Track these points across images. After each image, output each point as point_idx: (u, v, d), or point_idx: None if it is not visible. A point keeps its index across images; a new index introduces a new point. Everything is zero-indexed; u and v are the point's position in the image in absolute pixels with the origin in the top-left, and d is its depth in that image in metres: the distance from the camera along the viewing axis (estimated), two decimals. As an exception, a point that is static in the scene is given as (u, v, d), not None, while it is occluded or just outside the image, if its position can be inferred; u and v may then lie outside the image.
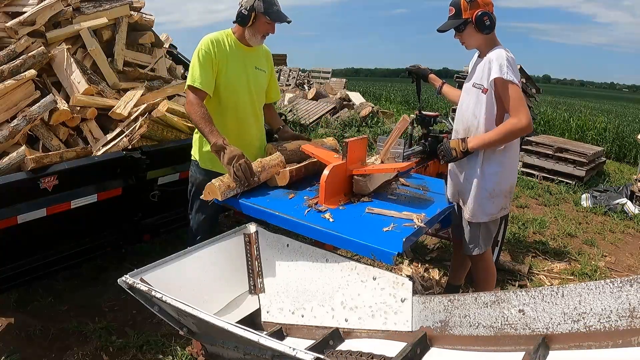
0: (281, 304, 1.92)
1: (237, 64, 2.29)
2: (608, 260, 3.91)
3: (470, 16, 2.08)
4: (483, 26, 2.07)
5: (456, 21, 2.12)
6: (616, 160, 9.64)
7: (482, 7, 2.08)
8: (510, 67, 2.02)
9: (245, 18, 2.21)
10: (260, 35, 2.29)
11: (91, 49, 2.89)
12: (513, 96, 2.03)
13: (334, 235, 1.74)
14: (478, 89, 2.13)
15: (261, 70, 2.41)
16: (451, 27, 2.14)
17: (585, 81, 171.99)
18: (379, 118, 9.37)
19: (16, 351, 2.27)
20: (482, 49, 2.17)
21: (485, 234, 2.29)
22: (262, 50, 2.44)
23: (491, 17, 2.07)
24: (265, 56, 2.48)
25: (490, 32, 2.10)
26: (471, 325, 1.44)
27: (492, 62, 2.05)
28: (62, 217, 2.25)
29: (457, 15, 2.12)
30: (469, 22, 2.09)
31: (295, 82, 13.07)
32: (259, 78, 2.41)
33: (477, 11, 2.06)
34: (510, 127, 2.05)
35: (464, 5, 2.08)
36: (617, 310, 1.19)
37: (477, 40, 2.14)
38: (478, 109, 2.14)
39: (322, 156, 2.23)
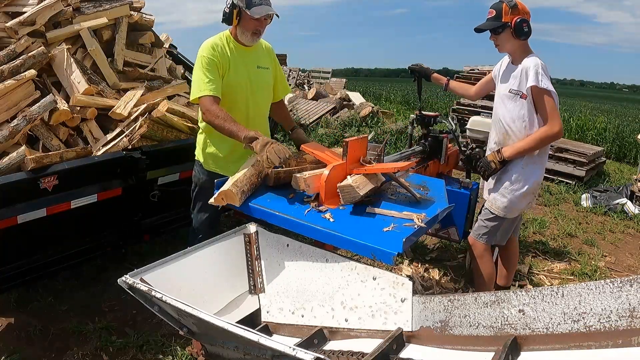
0: (281, 304, 1.92)
1: (239, 65, 2.27)
2: (608, 260, 3.91)
3: (510, 20, 2.17)
4: (521, 32, 2.17)
5: (495, 23, 2.21)
6: (616, 160, 9.64)
7: (522, 15, 2.18)
8: (544, 76, 2.13)
9: (229, 16, 2.17)
10: (250, 33, 2.22)
11: (91, 49, 2.89)
12: (547, 104, 2.15)
13: (334, 235, 1.74)
14: (516, 94, 2.24)
15: (264, 68, 2.38)
16: (490, 27, 2.24)
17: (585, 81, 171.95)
18: (379, 118, 9.37)
19: (16, 351, 2.27)
20: (515, 54, 2.28)
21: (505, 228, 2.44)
22: (263, 48, 2.41)
23: (529, 25, 2.17)
24: (267, 52, 2.43)
25: (526, 38, 2.20)
26: (471, 325, 1.44)
27: (529, 69, 2.15)
28: (62, 217, 2.26)
29: (497, 18, 2.21)
30: (508, 26, 2.19)
31: (295, 82, 13.07)
32: (262, 76, 2.38)
33: (517, 17, 2.16)
34: (544, 135, 2.19)
35: (506, 9, 2.18)
36: (617, 310, 1.19)
37: (512, 45, 2.24)
38: (516, 113, 2.25)
39: (322, 156, 2.23)
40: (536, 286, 3.09)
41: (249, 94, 2.32)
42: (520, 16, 2.17)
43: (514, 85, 2.24)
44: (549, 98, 2.14)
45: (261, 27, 2.22)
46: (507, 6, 2.17)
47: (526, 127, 2.24)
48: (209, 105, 2.13)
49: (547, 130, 2.18)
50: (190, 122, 2.86)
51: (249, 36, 2.23)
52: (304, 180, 1.93)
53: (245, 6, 2.12)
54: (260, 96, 2.39)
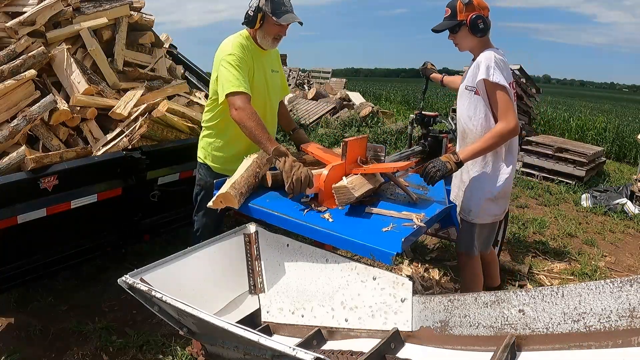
0: (281, 304, 1.92)
1: (259, 68, 2.26)
2: (608, 260, 3.91)
3: (465, 18, 2.10)
4: (477, 29, 2.09)
5: (451, 22, 2.15)
6: (616, 160, 9.64)
7: (478, 11, 2.10)
8: (497, 69, 2.03)
9: (252, 19, 2.14)
10: (271, 38, 2.21)
11: (91, 49, 2.89)
12: (500, 99, 2.04)
13: (333, 236, 1.74)
14: (470, 91, 2.16)
15: (276, 71, 2.40)
16: (446, 27, 2.17)
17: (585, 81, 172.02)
18: (379, 118, 9.37)
19: (16, 351, 2.27)
20: (474, 51, 2.20)
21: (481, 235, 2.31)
22: (274, 51, 2.40)
23: (485, 21, 2.09)
24: (277, 56, 2.45)
25: (483, 35, 2.12)
26: (471, 325, 1.44)
27: (481, 63, 2.07)
28: (62, 217, 2.26)
29: (452, 16, 2.15)
30: (463, 24, 2.11)
31: (295, 82, 13.08)
32: (275, 80, 2.39)
33: (472, 14, 2.09)
34: (499, 132, 2.07)
35: (460, 7, 2.11)
36: (617, 310, 1.19)
37: (470, 43, 2.16)
38: (472, 110, 2.17)
39: (322, 156, 2.23)
40: (536, 286, 3.10)
41: (266, 97, 2.32)
42: (476, 12, 2.09)
43: (469, 81, 2.17)
44: (501, 93, 2.04)
45: (283, 33, 2.23)
46: (462, 3, 2.11)
47: (482, 124, 2.15)
48: (243, 103, 2.07)
49: (502, 127, 2.05)
50: (190, 122, 2.86)
51: (270, 41, 2.22)
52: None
53: (271, 12, 2.11)
54: (275, 100, 2.41)
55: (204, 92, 3.51)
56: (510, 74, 2.10)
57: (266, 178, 2.10)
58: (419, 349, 1.53)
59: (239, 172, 2.03)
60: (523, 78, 8.51)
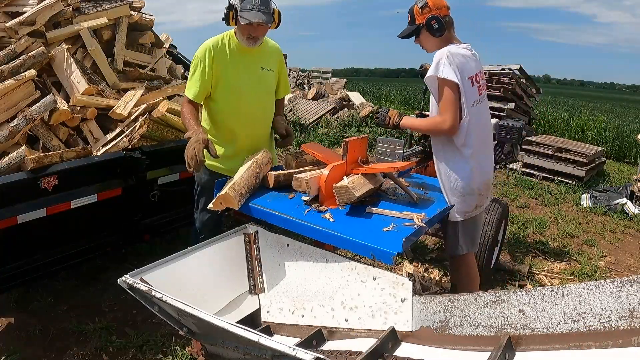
0: (281, 304, 1.92)
1: (239, 66, 2.25)
2: (608, 260, 3.91)
3: (422, 21, 2.14)
4: (432, 29, 2.12)
5: (411, 27, 2.20)
6: (616, 160, 9.65)
7: (435, 11, 2.13)
8: (447, 64, 2.01)
9: (225, 16, 2.14)
10: (245, 37, 2.17)
11: (91, 49, 2.90)
12: (443, 95, 2.05)
13: (333, 235, 1.74)
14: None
15: (268, 70, 2.34)
16: (405, 33, 2.23)
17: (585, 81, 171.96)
18: (379, 118, 9.36)
19: (16, 351, 2.27)
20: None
21: (464, 233, 2.26)
22: (269, 49, 2.36)
23: (439, 20, 2.10)
24: (272, 53, 2.39)
25: (441, 34, 2.13)
26: (471, 325, 1.44)
27: (434, 60, 2.09)
28: (62, 217, 2.26)
29: (412, 21, 2.19)
30: (422, 27, 2.15)
31: (295, 82, 13.08)
32: (265, 78, 2.35)
33: (427, 16, 2.12)
34: (434, 125, 2.13)
35: (417, 11, 2.15)
36: (617, 310, 1.19)
37: (433, 44, 2.17)
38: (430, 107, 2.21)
39: (322, 156, 2.23)
40: (536, 286, 3.10)
41: (252, 94, 2.29)
42: (432, 13, 2.12)
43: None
44: (447, 89, 2.02)
45: (254, 33, 2.16)
46: (418, 7, 2.15)
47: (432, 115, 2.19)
48: (182, 106, 2.25)
49: (439, 122, 2.07)
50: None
51: (244, 40, 2.20)
52: (305, 181, 1.93)
53: (240, 9, 2.08)
54: (266, 99, 2.37)
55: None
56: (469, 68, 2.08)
57: (267, 178, 2.10)
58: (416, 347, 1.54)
59: (239, 173, 2.03)
60: (523, 78, 8.52)
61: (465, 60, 2.07)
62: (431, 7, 2.13)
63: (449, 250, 2.37)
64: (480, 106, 2.13)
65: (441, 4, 2.15)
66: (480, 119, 2.14)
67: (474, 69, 2.11)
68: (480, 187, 2.18)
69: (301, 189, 1.98)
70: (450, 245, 2.33)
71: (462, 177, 2.14)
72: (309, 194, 1.95)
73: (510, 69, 8.01)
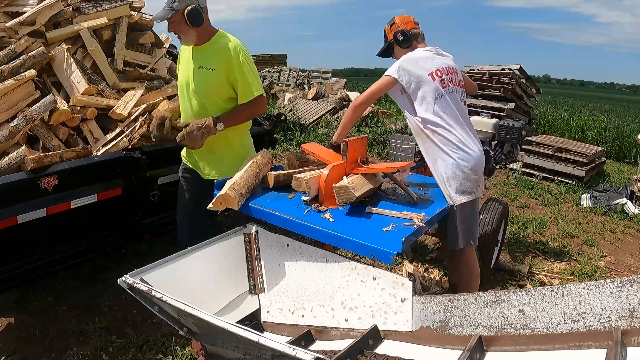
0: (281, 304, 1.92)
1: (183, 62, 2.34)
2: (608, 260, 3.91)
3: (392, 37, 2.41)
4: (399, 42, 2.39)
5: (385, 45, 2.47)
6: (616, 160, 9.65)
7: (402, 26, 2.39)
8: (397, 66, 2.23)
9: None
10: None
11: (91, 49, 2.89)
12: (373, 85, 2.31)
13: (333, 235, 1.74)
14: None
15: (207, 69, 2.20)
16: (383, 50, 2.49)
17: (585, 81, 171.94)
18: (379, 118, 9.37)
19: (16, 351, 2.27)
20: None
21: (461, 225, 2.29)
22: (215, 48, 2.21)
23: (404, 33, 2.37)
24: (219, 52, 2.19)
25: (407, 45, 2.38)
26: (471, 325, 1.44)
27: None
28: (62, 217, 2.25)
29: (385, 39, 2.47)
30: (392, 42, 2.42)
31: (295, 82, 13.08)
32: (203, 77, 2.22)
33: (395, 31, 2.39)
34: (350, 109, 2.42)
35: (387, 29, 2.45)
36: (617, 310, 1.19)
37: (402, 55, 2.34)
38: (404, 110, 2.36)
39: (322, 156, 2.23)
40: (536, 286, 3.09)
41: (191, 94, 2.26)
42: (398, 28, 2.38)
43: None
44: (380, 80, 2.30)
45: (170, 29, 2.18)
46: (388, 26, 2.44)
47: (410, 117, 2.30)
48: None
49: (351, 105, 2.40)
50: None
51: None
52: (305, 181, 1.93)
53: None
54: (204, 98, 2.24)
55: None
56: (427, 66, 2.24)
57: (267, 178, 2.11)
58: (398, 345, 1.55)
59: (239, 173, 2.03)
60: (523, 78, 8.52)
61: (420, 61, 2.26)
62: (398, 23, 2.41)
63: (448, 245, 2.40)
64: (447, 97, 2.25)
65: (407, 19, 2.42)
66: (447, 109, 2.24)
67: (435, 66, 2.27)
68: (465, 172, 2.22)
69: (301, 189, 1.98)
70: (449, 240, 2.37)
71: (442, 162, 2.24)
72: (309, 194, 1.95)
73: (510, 69, 8.01)
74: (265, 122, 3.34)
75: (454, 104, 2.26)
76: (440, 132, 2.22)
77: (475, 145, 2.30)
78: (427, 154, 2.30)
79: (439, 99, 2.21)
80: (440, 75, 2.25)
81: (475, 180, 2.26)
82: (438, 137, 2.23)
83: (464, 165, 2.21)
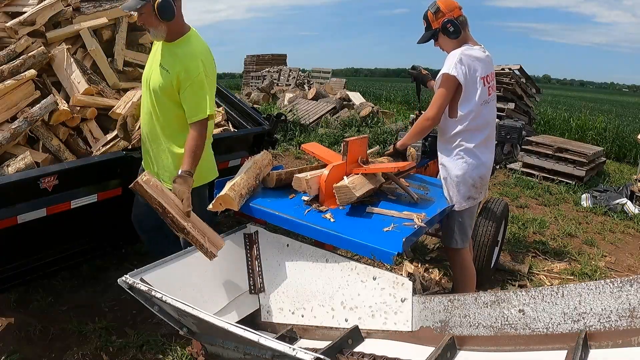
0: (281, 304, 1.92)
1: (151, 56, 2.22)
2: (608, 260, 3.91)
3: (438, 26, 2.24)
4: (449, 33, 2.22)
5: (429, 33, 2.30)
6: (616, 160, 9.64)
7: (448, 15, 2.22)
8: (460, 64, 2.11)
9: None
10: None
11: (91, 49, 2.89)
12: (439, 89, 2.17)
13: (334, 235, 1.74)
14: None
15: (164, 69, 2.07)
16: (424, 39, 2.34)
17: (585, 81, 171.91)
18: (379, 118, 9.37)
19: (16, 351, 2.27)
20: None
21: (460, 228, 2.33)
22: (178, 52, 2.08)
23: (454, 23, 2.20)
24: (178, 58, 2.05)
25: (457, 36, 2.23)
26: (471, 325, 1.44)
27: (448, 59, 2.18)
28: (62, 217, 2.25)
29: (428, 27, 2.30)
30: (439, 32, 2.25)
31: (295, 82, 13.07)
32: (158, 76, 2.09)
33: (442, 20, 2.22)
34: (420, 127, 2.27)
35: (431, 17, 2.27)
36: (617, 310, 1.19)
37: (450, 45, 2.26)
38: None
39: (322, 156, 2.23)
40: (536, 286, 3.09)
41: (149, 89, 2.15)
42: (446, 17, 2.22)
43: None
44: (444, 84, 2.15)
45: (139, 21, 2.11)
46: (431, 13, 2.25)
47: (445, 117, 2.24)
48: None
49: (422, 122, 2.24)
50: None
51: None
52: (305, 181, 1.93)
53: None
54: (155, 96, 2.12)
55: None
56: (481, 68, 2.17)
57: (268, 178, 2.11)
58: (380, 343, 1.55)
59: (240, 173, 2.03)
60: (523, 78, 8.52)
61: (477, 61, 2.16)
62: (444, 11, 2.23)
63: (443, 242, 2.45)
64: (488, 105, 2.22)
65: (453, 5, 2.24)
66: (487, 117, 2.23)
67: (486, 70, 2.21)
68: (475, 180, 2.24)
69: (301, 188, 1.98)
70: (445, 237, 2.40)
71: (458, 168, 2.22)
72: (309, 193, 1.95)
73: (510, 69, 8.01)
74: (265, 122, 3.34)
75: (491, 112, 2.27)
76: (470, 137, 2.20)
77: (491, 154, 2.33)
78: (444, 151, 2.28)
79: (482, 105, 2.18)
80: (488, 82, 2.23)
81: (482, 187, 2.29)
82: (466, 141, 2.21)
83: (477, 173, 2.24)
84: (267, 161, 2.18)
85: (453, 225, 2.32)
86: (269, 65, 16.07)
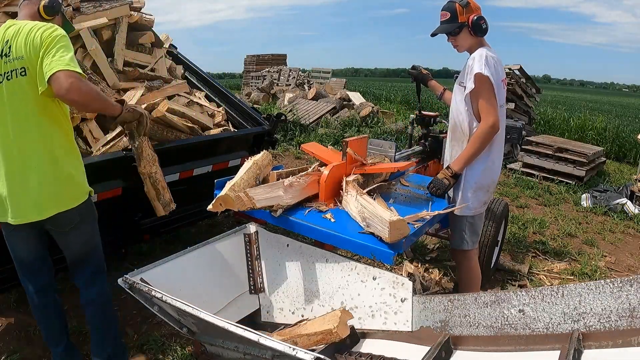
0: (281, 304, 1.92)
1: None
2: (608, 260, 3.91)
3: (466, 20, 2.14)
4: (479, 29, 2.14)
5: (452, 25, 2.18)
6: (616, 160, 9.64)
7: (475, 11, 2.16)
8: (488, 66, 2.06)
9: None
10: None
11: (91, 49, 2.89)
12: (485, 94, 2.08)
13: (334, 235, 1.74)
14: (462, 87, 2.19)
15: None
16: (447, 30, 2.21)
17: (585, 81, 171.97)
18: (379, 118, 9.38)
19: (16, 351, 2.27)
20: (472, 50, 2.22)
21: (471, 229, 2.32)
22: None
23: (486, 21, 2.14)
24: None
25: (483, 35, 2.17)
26: (471, 325, 1.44)
27: (474, 59, 2.11)
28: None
29: (452, 19, 2.18)
30: (465, 26, 2.15)
31: (295, 82, 13.07)
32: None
33: (473, 15, 2.14)
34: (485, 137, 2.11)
35: (460, 9, 2.15)
36: (617, 310, 1.19)
37: (470, 43, 2.20)
38: (462, 106, 2.20)
39: (322, 156, 2.23)
40: (536, 286, 3.09)
41: None
42: (475, 14, 2.15)
43: (462, 78, 2.22)
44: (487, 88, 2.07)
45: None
46: (460, 6, 2.15)
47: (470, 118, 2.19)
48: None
49: (487, 131, 2.10)
50: (190, 122, 2.86)
51: None
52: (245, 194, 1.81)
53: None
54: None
55: (204, 92, 3.50)
56: (501, 71, 2.14)
57: (268, 178, 2.11)
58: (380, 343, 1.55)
59: (239, 174, 2.03)
60: (523, 78, 8.52)
61: (498, 63, 2.13)
62: (472, 7, 2.17)
63: (452, 244, 2.41)
64: (502, 109, 2.19)
65: (478, 5, 2.19)
66: (502, 121, 2.20)
67: (504, 74, 2.18)
68: (489, 184, 2.25)
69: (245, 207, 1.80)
70: (455, 240, 2.38)
71: (477, 173, 2.20)
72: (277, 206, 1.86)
73: (510, 69, 8.01)
74: (265, 122, 3.34)
75: (504, 115, 2.24)
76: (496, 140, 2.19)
77: (502, 157, 2.32)
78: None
79: (500, 109, 2.15)
80: (506, 85, 2.22)
81: (492, 192, 2.31)
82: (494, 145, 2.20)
83: (490, 180, 2.25)
84: (267, 161, 2.18)
85: (464, 227, 2.31)
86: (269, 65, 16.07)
